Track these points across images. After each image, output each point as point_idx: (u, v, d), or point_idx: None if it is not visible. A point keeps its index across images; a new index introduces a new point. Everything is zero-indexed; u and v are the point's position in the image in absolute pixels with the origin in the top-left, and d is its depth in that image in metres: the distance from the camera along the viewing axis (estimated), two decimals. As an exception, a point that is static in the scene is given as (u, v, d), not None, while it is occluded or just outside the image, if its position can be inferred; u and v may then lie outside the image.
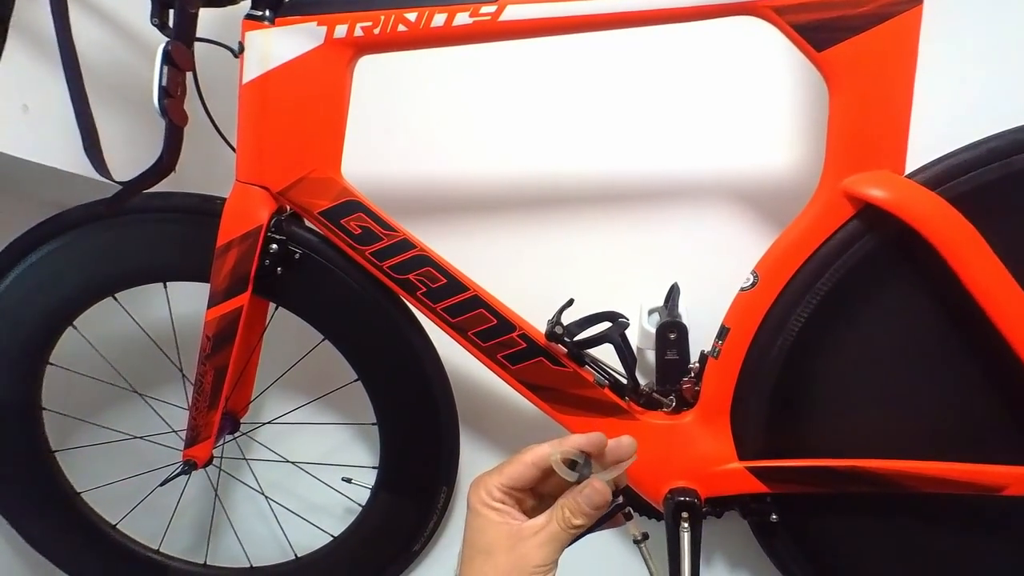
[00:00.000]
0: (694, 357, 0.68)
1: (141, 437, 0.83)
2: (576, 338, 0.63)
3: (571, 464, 0.45)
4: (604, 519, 0.46)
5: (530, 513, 0.46)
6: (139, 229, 0.70)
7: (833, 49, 0.55)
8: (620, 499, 0.46)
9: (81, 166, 0.67)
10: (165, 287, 0.76)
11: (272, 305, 0.74)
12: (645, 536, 0.48)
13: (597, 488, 0.44)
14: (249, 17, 0.61)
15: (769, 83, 0.74)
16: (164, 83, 0.54)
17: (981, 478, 0.59)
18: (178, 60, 0.55)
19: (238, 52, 0.62)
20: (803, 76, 0.73)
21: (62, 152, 0.67)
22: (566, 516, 0.43)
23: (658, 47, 0.76)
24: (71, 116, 0.60)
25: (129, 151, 0.70)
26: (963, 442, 0.60)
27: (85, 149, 0.59)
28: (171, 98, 0.55)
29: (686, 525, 0.62)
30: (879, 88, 0.55)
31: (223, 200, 0.66)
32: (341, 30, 0.59)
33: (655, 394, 0.67)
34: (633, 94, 0.77)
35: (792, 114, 0.74)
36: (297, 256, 0.67)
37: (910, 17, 0.53)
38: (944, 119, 0.64)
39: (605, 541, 0.79)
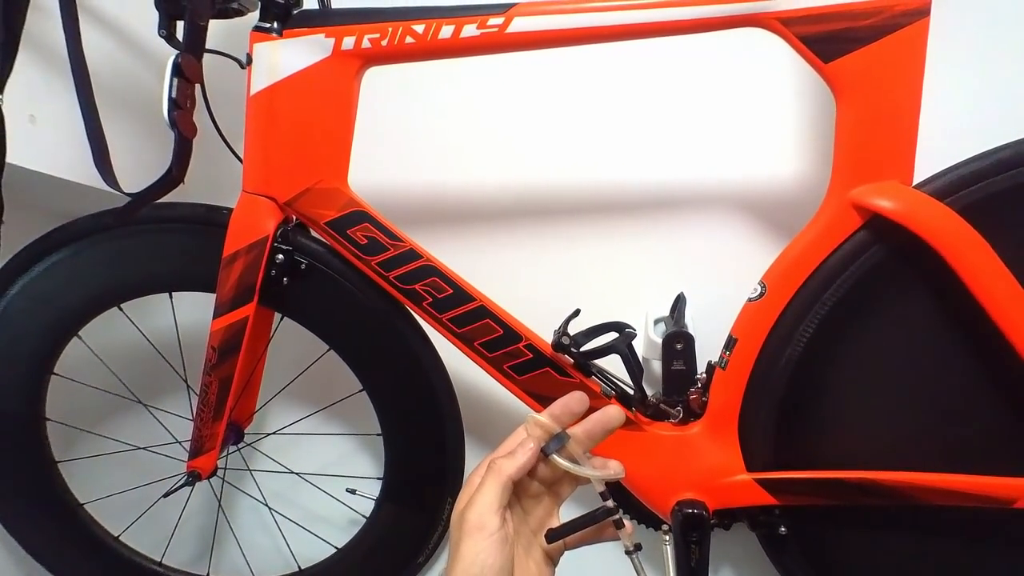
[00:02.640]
0: (701, 367, 0.68)
1: (145, 448, 0.83)
2: (583, 348, 0.63)
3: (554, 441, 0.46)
4: (590, 521, 0.46)
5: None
6: (145, 239, 0.70)
7: (840, 61, 0.55)
8: (610, 503, 0.46)
9: (88, 177, 0.67)
10: (171, 297, 0.76)
11: (277, 315, 0.74)
12: (638, 547, 0.46)
13: (526, 440, 0.45)
14: (257, 29, 0.61)
15: (776, 94, 0.75)
16: (174, 95, 0.54)
17: (992, 491, 0.58)
18: (188, 72, 0.55)
19: (246, 64, 0.62)
20: (810, 87, 0.73)
21: (69, 163, 0.68)
22: (492, 462, 0.44)
23: (666, 58, 0.76)
24: (78, 127, 0.60)
25: (137, 162, 0.70)
26: (974, 454, 0.60)
27: (95, 161, 0.59)
28: (180, 110, 0.55)
29: (694, 538, 0.62)
30: (886, 99, 0.55)
31: (229, 210, 0.66)
32: (349, 42, 0.60)
33: (662, 405, 0.66)
34: (640, 104, 0.78)
35: (799, 124, 0.75)
36: (303, 266, 0.67)
37: (917, 29, 0.53)
38: (952, 130, 0.64)
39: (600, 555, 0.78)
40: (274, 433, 0.86)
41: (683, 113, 0.77)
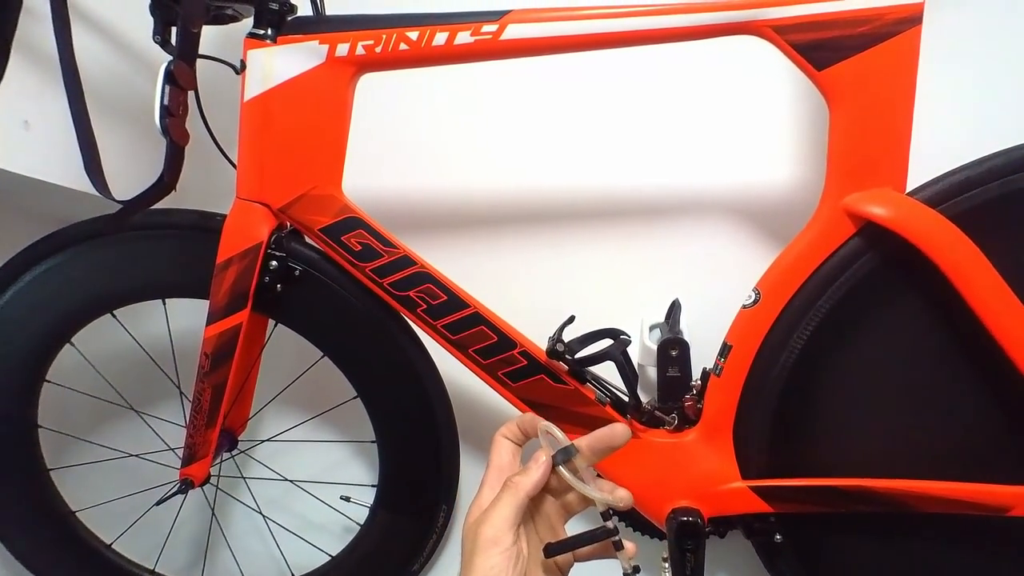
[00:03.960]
0: (696, 374, 0.68)
1: (138, 455, 0.82)
2: (577, 355, 0.63)
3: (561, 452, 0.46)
4: (588, 540, 0.46)
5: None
6: (138, 246, 0.70)
7: (833, 68, 0.55)
8: (611, 523, 0.46)
9: (82, 182, 0.67)
10: (164, 304, 0.75)
11: (271, 322, 0.74)
12: (636, 569, 0.46)
13: (540, 451, 0.46)
14: (251, 35, 0.61)
15: (770, 101, 0.75)
16: (166, 102, 0.54)
17: (986, 498, 0.58)
18: (180, 79, 0.55)
19: (240, 70, 0.62)
20: (804, 94, 0.74)
21: (62, 168, 0.67)
22: (507, 479, 0.45)
23: (661, 64, 0.76)
24: (72, 132, 0.60)
25: (129, 168, 0.70)
26: (968, 461, 0.60)
27: (86, 168, 0.59)
28: (172, 117, 0.55)
29: (689, 545, 0.61)
30: (879, 107, 0.55)
31: (223, 217, 0.66)
32: (343, 49, 0.60)
33: (657, 412, 0.66)
34: (636, 110, 0.78)
35: (793, 131, 0.75)
36: (297, 273, 0.67)
37: (909, 37, 0.54)
38: (944, 137, 0.64)
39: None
40: (268, 440, 0.86)
41: (678, 120, 0.77)
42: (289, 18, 0.62)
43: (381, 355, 0.70)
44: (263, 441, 0.86)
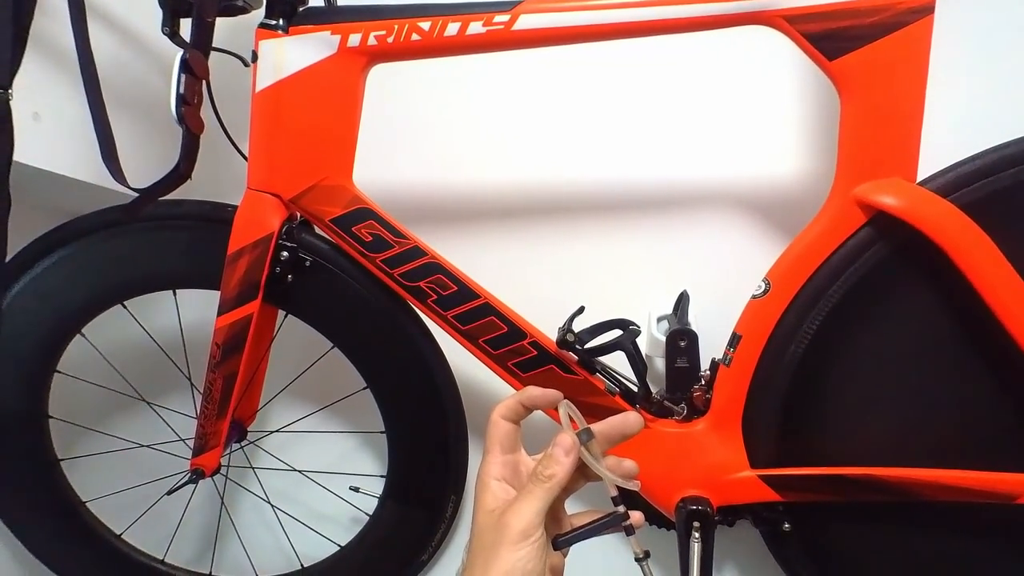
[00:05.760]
0: (705, 365, 0.68)
1: (148, 446, 0.83)
2: (587, 346, 0.63)
3: (584, 433, 0.45)
4: (600, 529, 0.46)
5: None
6: (149, 236, 0.70)
7: (844, 58, 0.55)
8: (621, 508, 0.46)
9: (91, 174, 0.67)
10: (174, 295, 0.76)
11: (281, 312, 0.74)
12: (647, 555, 0.47)
13: (564, 436, 0.44)
14: (263, 26, 0.61)
15: (780, 91, 0.75)
16: (182, 91, 0.55)
17: (995, 486, 0.59)
18: (196, 68, 0.55)
19: (251, 61, 0.62)
20: (814, 84, 0.74)
21: (73, 160, 0.67)
22: (538, 470, 0.43)
23: (670, 56, 0.76)
24: (81, 124, 0.60)
25: (138, 159, 0.70)
26: (977, 450, 0.60)
27: (103, 157, 0.59)
28: (188, 106, 0.55)
29: (698, 535, 0.62)
30: (890, 97, 0.55)
31: (234, 207, 0.66)
32: (355, 39, 0.60)
33: (666, 402, 0.67)
34: (645, 102, 0.78)
35: (803, 122, 0.75)
36: (308, 264, 0.67)
37: (921, 27, 0.54)
38: (956, 127, 0.64)
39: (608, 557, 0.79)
40: (277, 431, 0.86)
41: (687, 111, 0.77)
42: (301, 8, 0.62)
43: (390, 346, 0.71)
44: (273, 432, 0.87)
